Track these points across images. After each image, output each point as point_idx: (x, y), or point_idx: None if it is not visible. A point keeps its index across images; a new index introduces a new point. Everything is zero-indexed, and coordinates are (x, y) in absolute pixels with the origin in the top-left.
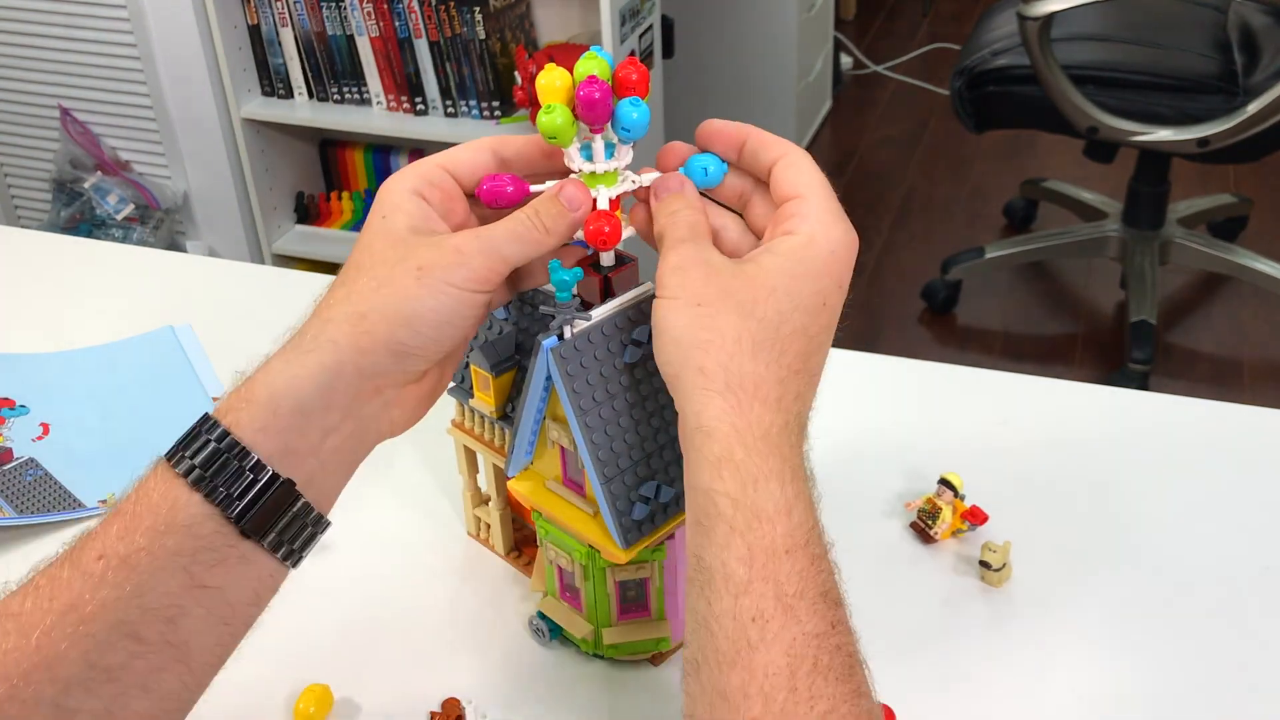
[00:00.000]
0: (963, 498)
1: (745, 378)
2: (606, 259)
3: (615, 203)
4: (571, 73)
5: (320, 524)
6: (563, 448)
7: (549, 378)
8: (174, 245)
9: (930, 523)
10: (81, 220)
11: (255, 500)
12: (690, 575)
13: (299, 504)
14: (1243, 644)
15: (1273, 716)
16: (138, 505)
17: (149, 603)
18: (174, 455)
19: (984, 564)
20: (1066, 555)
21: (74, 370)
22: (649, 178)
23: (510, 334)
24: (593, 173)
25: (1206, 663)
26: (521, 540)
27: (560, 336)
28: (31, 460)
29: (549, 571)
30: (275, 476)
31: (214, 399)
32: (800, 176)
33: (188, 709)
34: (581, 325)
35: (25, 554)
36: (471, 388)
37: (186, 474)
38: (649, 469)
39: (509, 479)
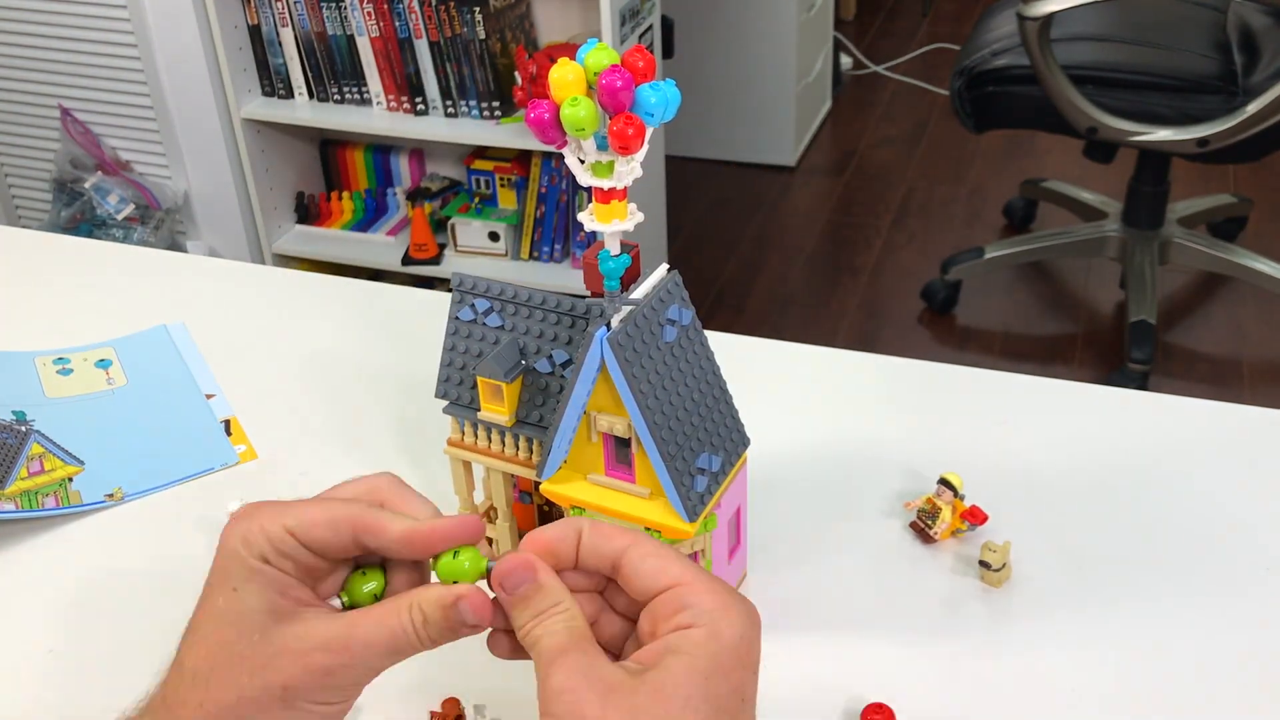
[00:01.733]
0: (962, 498)
1: None
2: (612, 248)
3: (623, 192)
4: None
5: None
6: (608, 437)
7: (598, 369)
8: (174, 245)
9: (930, 523)
10: (82, 220)
11: None
12: None
13: None
14: (1243, 644)
15: (1273, 716)
16: None
17: None
18: None
19: (984, 564)
20: (1066, 555)
21: (69, 370)
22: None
23: (512, 341)
24: (598, 163)
25: (1207, 663)
26: None
27: (608, 325)
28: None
29: None
30: None
31: (207, 396)
32: (665, 563)
33: None
34: (627, 311)
35: (67, 534)
36: (472, 403)
37: None
38: (700, 442)
39: (541, 482)
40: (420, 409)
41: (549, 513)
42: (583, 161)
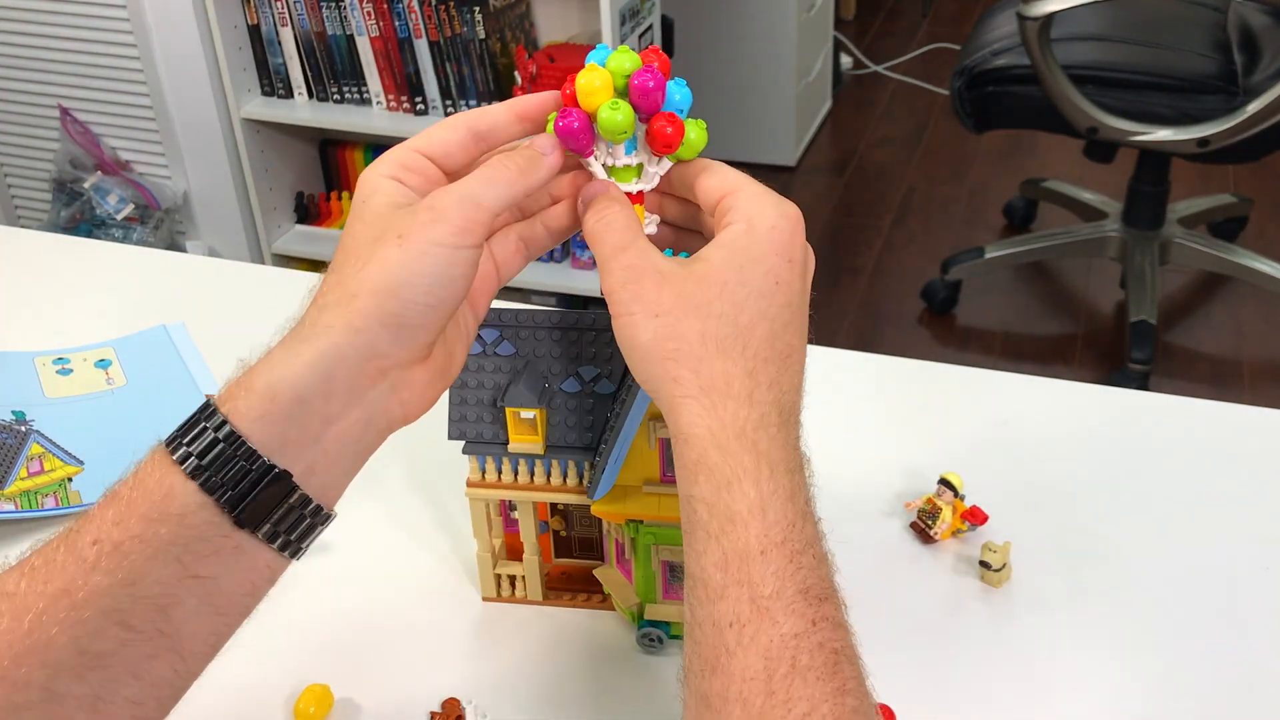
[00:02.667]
0: (963, 498)
1: (716, 377)
2: None
3: (641, 196)
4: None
5: (320, 516)
6: (663, 441)
7: None
8: (174, 245)
9: (930, 523)
10: (81, 220)
11: (249, 491)
12: (685, 583)
13: (295, 495)
14: (1243, 644)
15: (1273, 717)
16: (134, 491)
17: (140, 591)
18: (173, 442)
19: (984, 564)
20: (1066, 555)
21: (67, 369)
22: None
23: (534, 367)
24: (627, 166)
25: (1206, 662)
26: (555, 579)
27: None
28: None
29: (648, 579)
30: (270, 467)
31: (207, 396)
32: (726, 175)
33: (179, 695)
34: None
35: (31, 547)
36: (495, 438)
37: (183, 461)
38: None
39: (594, 502)
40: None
41: (566, 538)
42: (606, 167)
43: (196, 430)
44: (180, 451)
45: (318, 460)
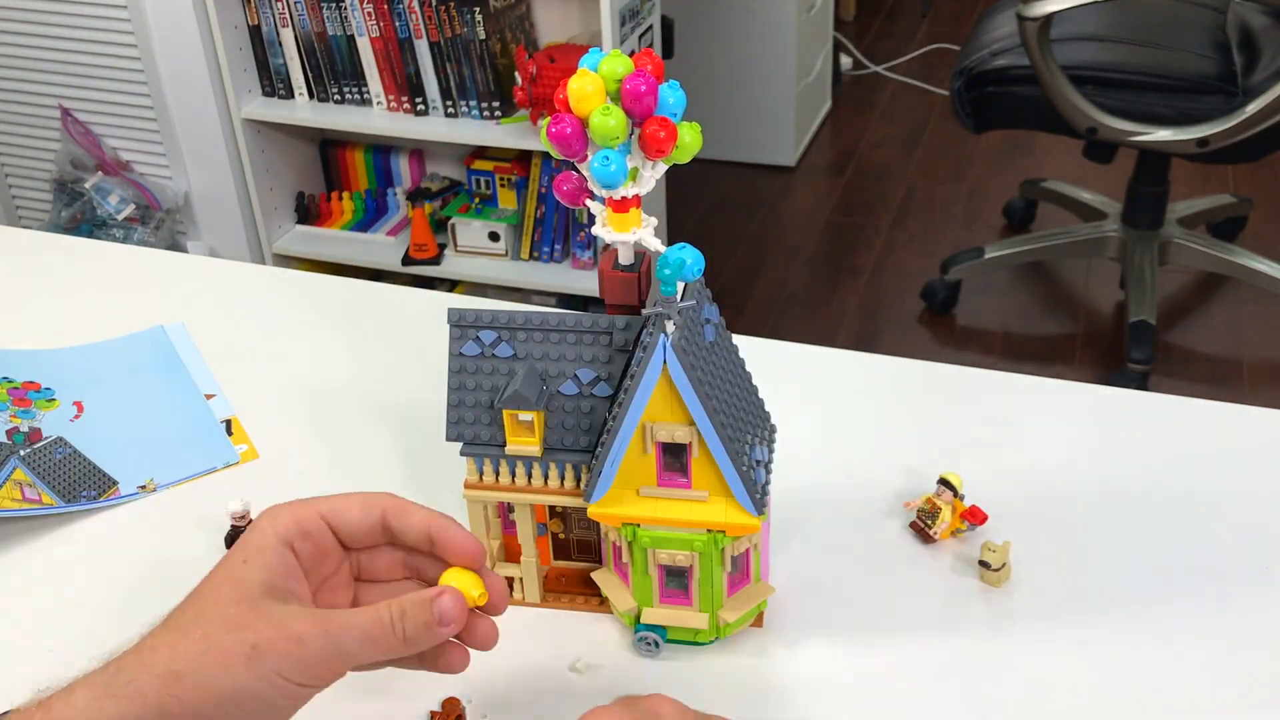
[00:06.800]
0: (962, 498)
1: None
2: (625, 256)
3: (637, 199)
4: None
5: None
6: (661, 445)
7: (657, 379)
8: (175, 245)
9: (930, 523)
10: (82, 220)
11: None
12: None
13: None
14: (1243, 643)
15: (1272, 716)
16: None
17: None
18: None
19: (983, 564)
20: (1066, 555)
21: (65, 366)
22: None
23: (532, 369)
24: (634, 168)
25: (1206, 662)
26: (553, 581)
27: (665, 331)
28: (60, 439)
29: (645, 583)
30: None
31: (207, 396)
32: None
33: None
34: (678, 315)
35: (67, 534)
36: (492, 440)
37: None
38: (750, 435)
39: (590, 505)
40: (420, 407)
41: (564, 540)
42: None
43: None
44: None
45: None
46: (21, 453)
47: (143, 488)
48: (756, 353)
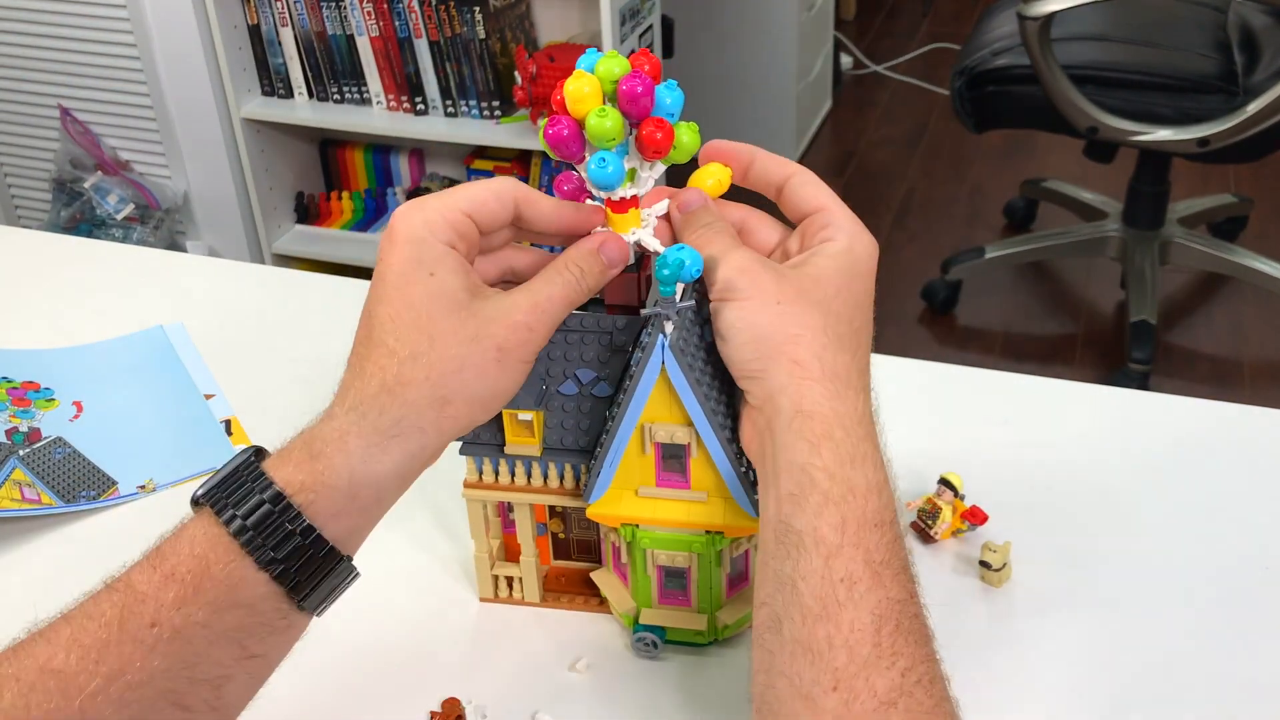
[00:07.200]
0: (963, 498)
1: (838, 367)
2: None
3: (635, 201)
4: (565, 83)
5: (353, 578)
6: (659, 445)
7: (656, 379)
8: (174, 245)
9: (930, 523)
10: (82, 220)
11: (320, 581)
12: (773, 541)
13: (352, 576)
14: (1243, 644)
15: (1272, 717)
16: (199, 577)
17: (199, 673)
18: (245, 535)
19: (984, 564)
20: (1066, 555)
21: (65, 366)
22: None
23: (533, 365)
24: (633, 169)
25: (1206, 663)
26: (553, 581)
27: (663, 331)
28: (60, 439)
29: (643, 584)
30: (340, 558)
31: (206, 396)
32: (819, 191)
33: None
34: (677, 316)
35: (67, 534)
36: (492, 439)
37: (255, 552)
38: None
39: (589, 505)
40: None
41: (564, 540)
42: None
43: (273, 528)
44: (256, 549)
45: (366, 531)
46: (21, 453)
47: (142, 488)
48: None
